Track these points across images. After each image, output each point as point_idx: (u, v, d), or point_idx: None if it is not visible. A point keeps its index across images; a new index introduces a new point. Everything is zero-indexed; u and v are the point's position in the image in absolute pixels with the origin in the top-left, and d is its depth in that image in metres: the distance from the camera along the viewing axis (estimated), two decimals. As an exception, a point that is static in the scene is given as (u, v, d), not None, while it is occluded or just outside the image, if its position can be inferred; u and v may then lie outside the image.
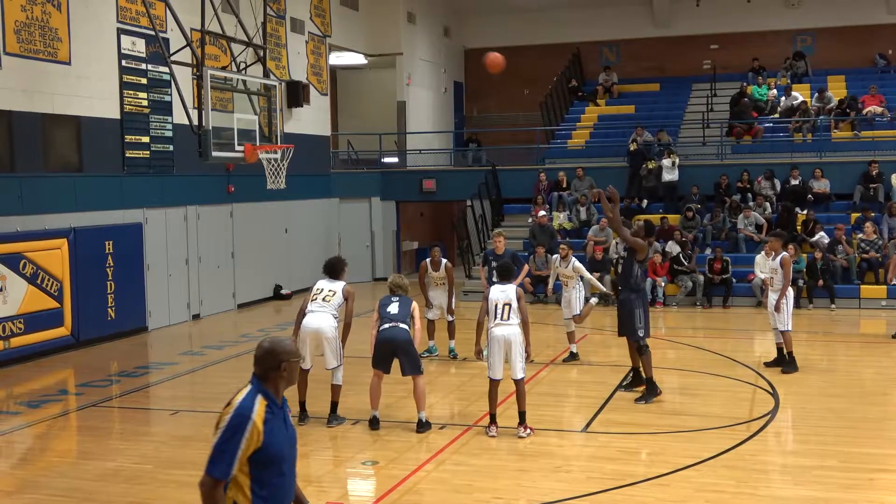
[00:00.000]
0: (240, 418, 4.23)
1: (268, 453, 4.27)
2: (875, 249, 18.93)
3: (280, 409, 4.38)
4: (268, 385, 4.37)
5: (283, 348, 4.43)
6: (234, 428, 4.21)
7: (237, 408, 4.26)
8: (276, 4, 20.35)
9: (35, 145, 14.63)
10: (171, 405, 11.52)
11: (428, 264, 13.87)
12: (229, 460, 4.20)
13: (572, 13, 29.12)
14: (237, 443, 4.20)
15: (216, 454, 4.21)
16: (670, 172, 21.90)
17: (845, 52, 27.31)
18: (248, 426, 4.22)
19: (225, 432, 4.22)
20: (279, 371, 4.37)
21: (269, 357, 4.39)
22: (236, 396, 4.32)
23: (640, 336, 10.96)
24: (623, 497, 7.81)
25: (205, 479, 4.22)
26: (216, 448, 4.22)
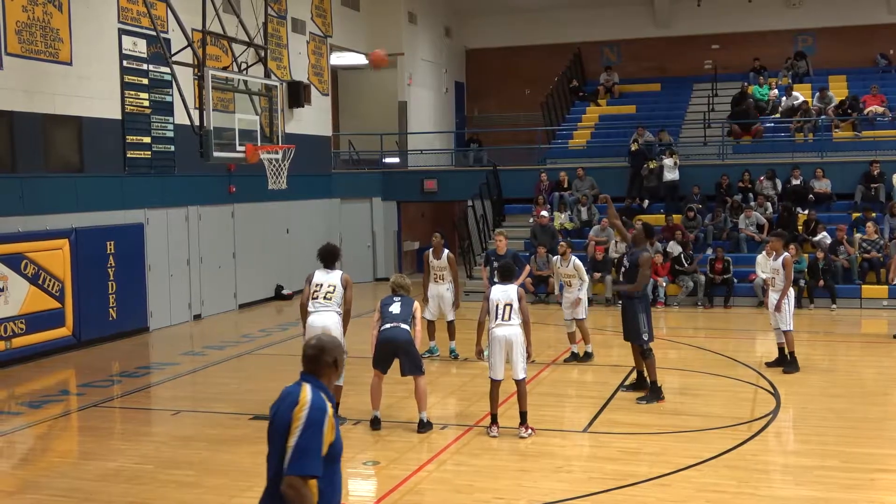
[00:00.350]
0: (319, 413, 4.21)
1: (335, 447, 4.29)
2: (876, 249, 18.92)
3: (334, 406, 4.43)
4: (322, 381, 4.40)
5: (336, 344, 4.49)
6: (317, 423, 4.18)
7: (312, 403, 4.23)
8: (277, 5, 20.36)
9: (36, 146, 14.64)
10: (172, 405, 11.52)
11: (430, 253, 13.79)
12: (318, 456, 4.15)
13: (573, 13, 29.12)
14: (321, 438, 4.17)
15: (304, 452, 4.14)
16: (671, 172, 21.90)
17: (846, 52, 27.29)
18: (325, 421, 4.22)
19: (307, 429, 4.16)
20: (335, 367, 4.41)
21: (325, 354, 4.41)
22: (302, 394, 4.28)
23: (644, 340, 10.96)
24: (624, 497, 7.81)
25: (293, 481, 4.12)
26: (302, 446, 4.15)
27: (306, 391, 4.29)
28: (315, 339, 4.51)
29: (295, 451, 4.14)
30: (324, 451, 4.19)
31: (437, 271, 13.74)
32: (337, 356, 4.44)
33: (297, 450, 4.14)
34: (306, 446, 4.14)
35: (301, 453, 4.14)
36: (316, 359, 4.42)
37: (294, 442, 4.15)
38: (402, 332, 9.70)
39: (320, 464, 4.16)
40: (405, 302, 9.93)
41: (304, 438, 4.15)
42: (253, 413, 10.78)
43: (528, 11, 29.42)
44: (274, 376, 13.03)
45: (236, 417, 10.67)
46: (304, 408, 4.21)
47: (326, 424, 4.21)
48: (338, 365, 4.45)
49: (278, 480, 4.19)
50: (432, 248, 13.79)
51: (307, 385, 4.34)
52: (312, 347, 4.45)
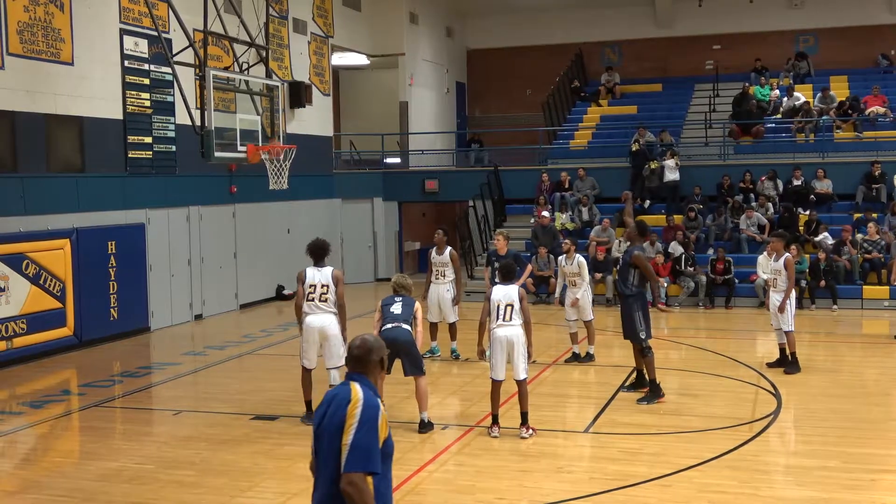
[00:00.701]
0: (373, 410, 4.20)
1: (388, 445, 4.28)
2: (878, 250, 18.92)
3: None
4: (369, 380, 4.39)
5: (379, 344, 4.49)
6: (372, 420, 4.16)
7: (365, 401, 4.22)
8: (278, 5, 20.37)
9: (38, 146, 14.65)
10: (173, 405, 11.52)
11: (433, 251, 13.77)
12: (376, 452, 4.14)
13: (574, 13, 29.13)
14: (376, 434, 4.15)
15: (362, 449, 4.12)
16: (672, 173, 21.89)
17: (848, 52, 27.29)
18: (379, 417, 4.20)
19: (362, 426, 4.14)
20: (381, 366, 4.42)
21: (372, 354, 4.41)
22: (353, 392, 4.26)
23: (641, 339, 10.95)
24: (626, 498, 7.81)
25: (354, 478, 4.09)
26: (360, 443, 4.12)
27: (357, 389, 4.28)
28: (359, 339, 4.50)
29: (353, 448, 4.12)
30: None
31: (438, 267, 13.67)
32: (383, 355, 4.45)
33: (355, 447, 4.12)
34: (364, 443, 4.12)
35: (359, 450, 4.12)
36: (363, 359, 4.41)
37: (350, 439, 4.13)
38: (403, 332, 9.69)
39: (379, 460, 4.14)
40: (406, 302, 9.93)
41: (360, 435, 4.13)
42: (254, 413, 10.79)
43: (529, 12, 29.42)
44: (275, 376, 13.04)
45: (237, 417, 10.67)
46: (357, 405, 4.19)
47: (380, 421, 4.20)
48: (383, 364, 4.46)
49: (335, 481, 4.15)
50: (435, 246, 13.77)
51: (356, 384, 4.33)
52: (358, 348, 4.44)
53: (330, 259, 10.75)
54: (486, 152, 26.97)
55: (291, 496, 7.95)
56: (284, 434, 9.95)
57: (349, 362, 4.46)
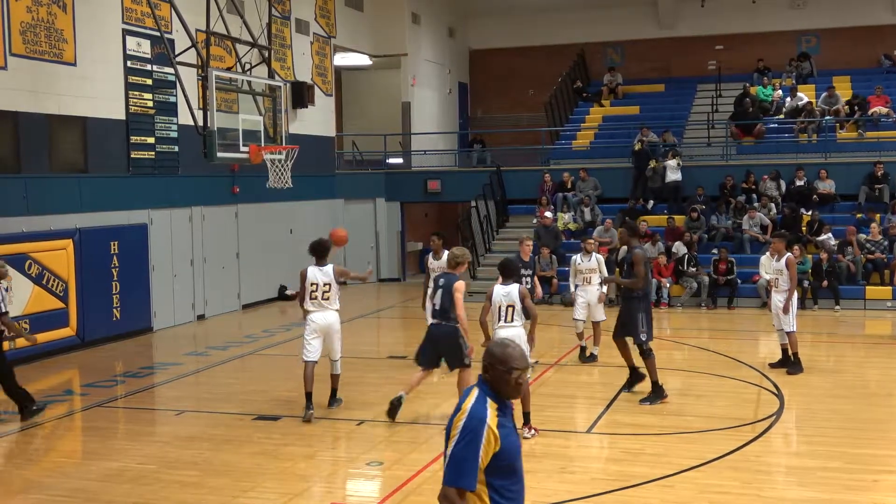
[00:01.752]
0: (475, 422, 4.05)
1: (504, 459, 4.10)
2: (881, 250, 18.91)
3: (510, 412, 4.24)
4: (496, 390, 4.20)
5: (518, 355, 4.24)
6: (472, 434, 4.03)
7: (470, 412, 4.08)
8: (280, 5, 20.38)
9: (40, 146, 14.66)
10: (175, 406, 11.53)
11: (430, 256, 13.52)
12: (473, 469, 4.01)
13: (577, 14, 29.11)
14: (477, 449, 4.01)
15: (457, 463, 4.02)
16: (675, 173, 21.88)
17: (850, 52, 27.25)
18: (483, 431, 4.04)
19: (462, 438, 4.03)
20: (508, 377, 4.18)
21: (502, 363, 4.19)
22: (466, 402, 4.16)
23: (642, 340, 10.93)
24: (627, 498, 7.81)
25: (447, 492, 4.02)
26: (456, 456, 4.03)
27: (471, 399, 4.17)
28: (499, 345, 4.29)
29: (450, 460, 4.04)
30: (484, 462, 4.04)
31: (436, 272, 13.47)
32: (517, 368, 4.20)
33: (451, 460, 4.04)
34: (460, 456, 4.02)
35: (454, 464, 4.03)
36: (491, 366, 4.23)
37: (450, 451, 4.05)
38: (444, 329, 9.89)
39: (474, 477, 4.02)
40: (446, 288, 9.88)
41: (458, 448, 4.03)
42: (256, 413, 10.80)
43: (531, 12, 29.42)
44: (277, 377, 13.05)
45: (239, 418, 10.68)
46: (462, 416, 4.09)
47: (484, 435, 4.03)
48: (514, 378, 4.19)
49: None
50: (432, 251, 13.59)
51: (476, 392, 4.20)
52: (491, 354, 4.24)
53: (332, 259, 10.81)
54: (488, 153, 26.97)
55: (293, 497, 7.96)
56: (286, 434, 9.96)
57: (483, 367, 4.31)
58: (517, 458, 4.18)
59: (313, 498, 7.98)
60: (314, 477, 8.53)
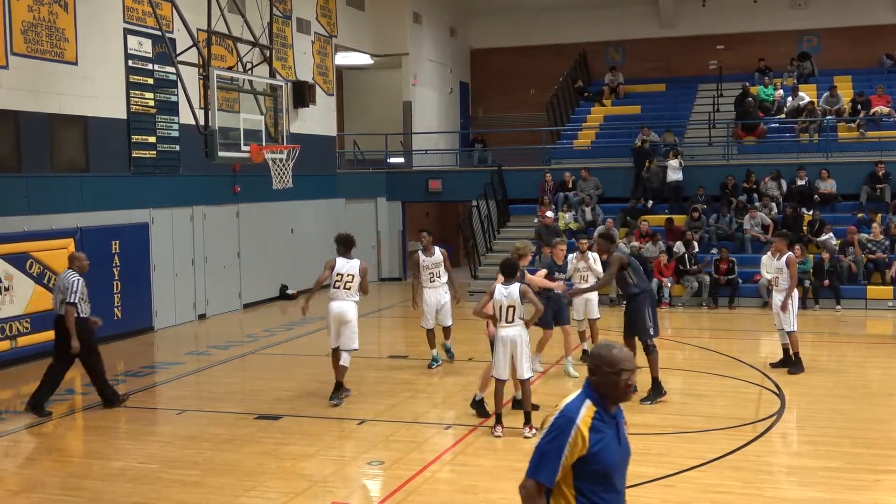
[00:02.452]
0: (564, 420, 4.02)
1: (595, 464, 4.01)
2: (882, 250, 18.90)
3: (612, 419, 4.12)
4: (599, 392, 4.12)
5: (625, 356, 4.14)
6: (558, 430, 4.00)
7: (562, 410, 4.07)
8: (282, 5, 20.38)
9: (42, 145, 14.67)
10: (176, 405, 11.54)
11: (420, 253, 13.34)
12: (553, 465, 3.97)
13: (578, 14, 29.11)
14: (561, 446, 3.97)
15: (539, 457, 4.01)
16: (675, 173, 21.87)
17: (852, 52, 27.24)
18: (571, 430, 3.99)
19: (548, 434, 4.03)
20: (617, 380, 4.09)
21: (609, 365, 4.10)
22: (564, 399, 4.14)
23: (650, 335, 10.91)
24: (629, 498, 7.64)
25: (526, 483, 4.02)
26: (539, 450, 4.02)
27: (569, 397, 4.15)
28: (605, 346, 4.20)
29: (534, 452, 4.04)
30: (568, 461, 3.99)
31: (431, 269, 13.23)
32: (624, 369, 4.10)
33: (535, 451, 4.04)
34: (542, 450, 4.01)
35: (536, 456, 4.02)
36: (597, 366, 4.15)
37: (537, 443, 4.06)
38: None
39: (553, 473, 3.97)
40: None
41: (542, 441, 4.03)
42: (257, 413, 10.80)
43: (533, 12, 29.42)
44: (278, 376, 13.05)
45: (241, 417, 10.68)
46: (555, 412, 4.09)
47: (572, 434, 3.98)
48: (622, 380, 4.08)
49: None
50: (423, 248, 13.31)
51: (578, 391, 4.18)
52: (597, 355, 4.17)
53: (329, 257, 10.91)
54: (489, 152, 26.96)
55: (294, 496, 7.96)
56: (288, 434, 9.96)
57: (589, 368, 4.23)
58: (613, 467, 4.08)
59: (314, 497, 7.98)
60: (315, 476, 8.53)
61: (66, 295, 10.66)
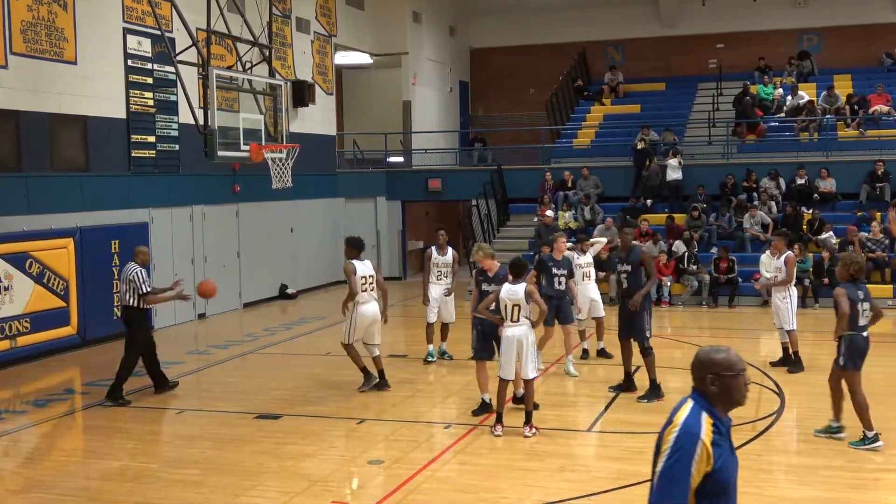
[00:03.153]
0: (688, 437, 3.77)
1: (717, 480, 3.81)
2: (881, 249, 18.90)
3: (727, 430, 3.96)
4: (716, 400, 3.95)
5: (735, 356, 3.98)
6: (684, 450, 3.76)
7: (682, 426, 3.81)
8: (281, 4, 20.37)
9: (41, 145, 14.67)
10: (176, 404, 11.53)
11: (433, 250, 13.56)
12: (684, 486, 3.74)
13: (578, 13, 29.11)
14: (687, 466, 3.74)
15: (666, 481, 3.76)
16: (675, 172, 21.87)
17: (851, 51, 27.23)
18: (696, 446, 3.76)
19: (672, 454, 3.77)
20: (737, 382, 3.97)
21: (728, 369, 3.97)
22: (678, 414, 3.88)
23: (647, 337, 10.94)
24: (629, 497, 7.80)
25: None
26: (666, 472, 3.77)
27: (683, 411, 3.88)
28: (703, 349, 4.07)
29: (659, 477, 3.80)
30: (695, 482, 3.76)
31: (441, 268, 13.45)
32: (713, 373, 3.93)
33: (661, 477, 3.79)
34: (669, 474, 3.76)
35: (664, 481, 3.78)
36: (692, 371, 3.98)
37: (659, 467, 3.81)
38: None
39: (685, 495, 3.75)
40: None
41: (667, 464, 3.77)
42: (257, 412, 10.80)
43: (532, 11, 29.41)
44: (278, 375, 13.05)
45: (241, 416, 10.68)
46: (674, 430, 3.83)
47: (698, 452, 3.74)
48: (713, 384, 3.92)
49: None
50: (437, 245, 13.59)
51: (689, 404, 3.92)
52: (694, 358, 4.00)
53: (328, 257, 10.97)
54: (489, 151, 26.95)
55: (294, 495, 7.96)
56: (288, 433, 9.96)
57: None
58: (732, 481, 3.93)
59: (315, 496, 7.98)
60: (315, 475, 8.52)
61: (129, 287, 11.48)
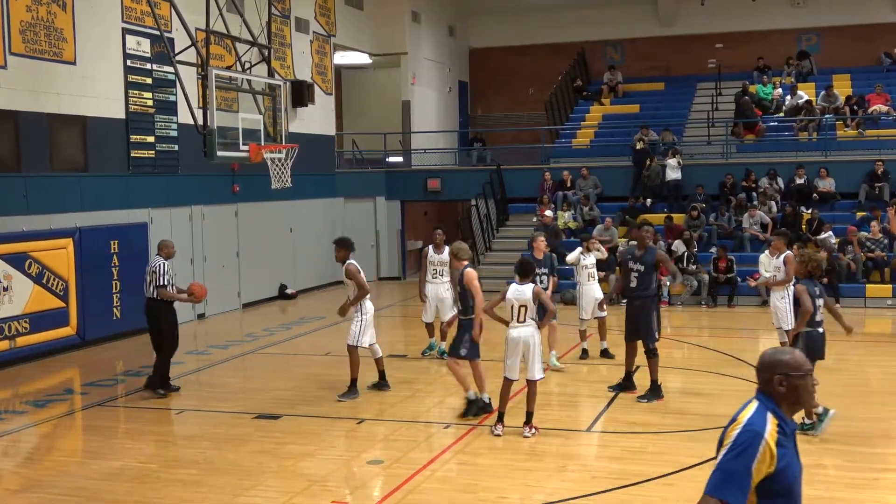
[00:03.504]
0: (751, 435, 3.78)
1: (780, 482, 3.78)
2: (881, 248, 18.91)
3: (791, 432, 3.90)
4: (783, 401, 3.91)
5: (802, 357, 3.95)
6: (745, 446, 3.76)
7: (746, 424, 3.83)
8: (280, 4, 20.36)
9: (41, 145, 14.66)
10: (175, 404, 11.53)
11: (430, 249, 13.60)
12: (742, 483, 3.74)
13: (577, 12, 29.12)
14: (748, 463, 3.73)
15: (724, 475, 3.78)
16: (674, 172, 21.87)
17: (850, 51, 27.24)
18: (760, 445, 3.75)
19: (731, 450, 3.79)
20: (804, 383, 3.89)
21: (796, 370, 3.90)
22: (743, 413, 3.91)
23: (656, 339, 10.95)
24: (628, 497, 7.81)
25: (707, 501, 3.83)
26: (723, 466, 3.80)
27: (748, 411, 3.92)
28: (768, 350, 4.05)
29: (716, 469, 3.83)
30: (755, 480, 3.76)
31: (437, 266, 13.49)
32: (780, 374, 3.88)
33: (717, 469, 3.82)
34: (726, 468, 3.78)
35: (720, 473, 3.80)
36: (758, 372, 3.98)
37: (718, 460, 3.84)
38: None
39: (740, 492, 3.75)
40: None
41: (727, 458, 3.80)
42: (257, 412, 10.80)
43: (531, 11, 29.42)
44: (278, 375, 13.05)
45: (240, 416, 10.68)
46: (737, 427, 3.84)
47: (760, 451, 3.74)
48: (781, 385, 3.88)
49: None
50: (434, 244, 13.65)
51: (754, 403, 3.95)
52: (759, 359, 3.98)
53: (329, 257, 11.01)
54: (488, 151, 26.97)
55: (294, 495, 7.96)
56: (287, 433, 9.96)
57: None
58: (797, 484, 3.88)
59: (314, 496, 7.98)
60: (315, 475, 8.53)
61: (152, 279, 11.54)
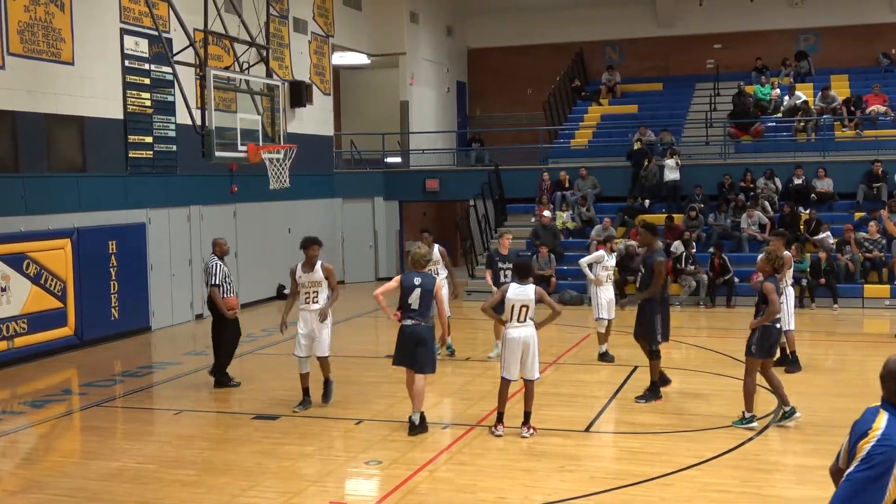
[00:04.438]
0: (888, 449, 3.63)
1: None
2: (879, 249, 18.92)
3: None
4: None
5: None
6: (881, 460, 3.63)
7: (881, 438, 3.68)
8: (279, 4, 20.36)
9: (39, 146, 14.65)
10: (174, 405, 11.52)
11: None
12: (871, 497, 3.63)
13: (575, 13, 29.14)
14: (881, 477, 3.61)
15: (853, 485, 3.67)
16: (673, 172, 21.88)
17: (848, 51, 27.28)
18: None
19: (865, 462, 3.66)
20: None
21: (889, 379, 3.86)
22: (875, 425, 3.76)
23: (657, 341, 10.94)
24: (627, 497, 7.81)
25: None
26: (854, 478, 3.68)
27: (880, 423, 3.77)
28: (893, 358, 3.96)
29: (845, 479, 3.73)
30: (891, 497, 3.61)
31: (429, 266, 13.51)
32: None
33: (847, 479, 3.73)
34: (856, 479, 3.66)
35: (848, 484, 3.71)
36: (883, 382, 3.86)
37: (848, 472, 3.72)
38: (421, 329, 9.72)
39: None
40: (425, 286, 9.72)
41: (856, 470, 3.68)
42: (255, 413, 10.79)
43: (530, 11, 29.43)
44: (276, 376, 13.04)
45: (238, 417, 10.68)
46: (870, 441, 3.72)
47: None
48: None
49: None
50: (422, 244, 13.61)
51: (883, 414, 3.82)
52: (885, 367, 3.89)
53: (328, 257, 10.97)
54: (486, 152, 26.98)
55: (292, 495, 7.96)
56: (286, 433, 9.95)
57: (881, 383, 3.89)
58: None
59: (312, 497, 7.97)
60: (313, 476, 8.52)
61: (208, 278, 12.22)
